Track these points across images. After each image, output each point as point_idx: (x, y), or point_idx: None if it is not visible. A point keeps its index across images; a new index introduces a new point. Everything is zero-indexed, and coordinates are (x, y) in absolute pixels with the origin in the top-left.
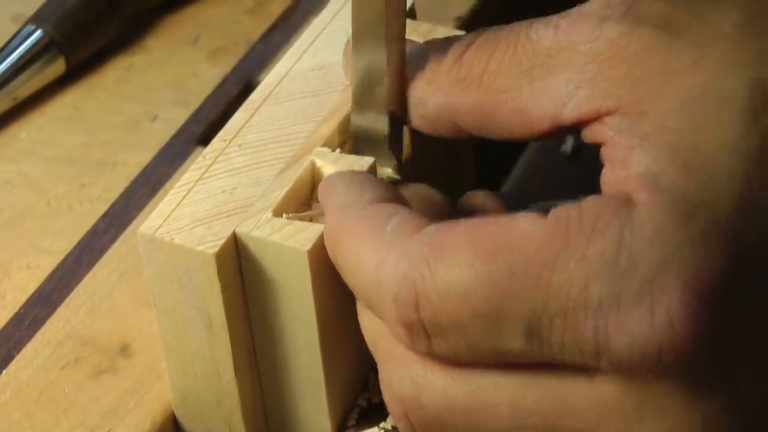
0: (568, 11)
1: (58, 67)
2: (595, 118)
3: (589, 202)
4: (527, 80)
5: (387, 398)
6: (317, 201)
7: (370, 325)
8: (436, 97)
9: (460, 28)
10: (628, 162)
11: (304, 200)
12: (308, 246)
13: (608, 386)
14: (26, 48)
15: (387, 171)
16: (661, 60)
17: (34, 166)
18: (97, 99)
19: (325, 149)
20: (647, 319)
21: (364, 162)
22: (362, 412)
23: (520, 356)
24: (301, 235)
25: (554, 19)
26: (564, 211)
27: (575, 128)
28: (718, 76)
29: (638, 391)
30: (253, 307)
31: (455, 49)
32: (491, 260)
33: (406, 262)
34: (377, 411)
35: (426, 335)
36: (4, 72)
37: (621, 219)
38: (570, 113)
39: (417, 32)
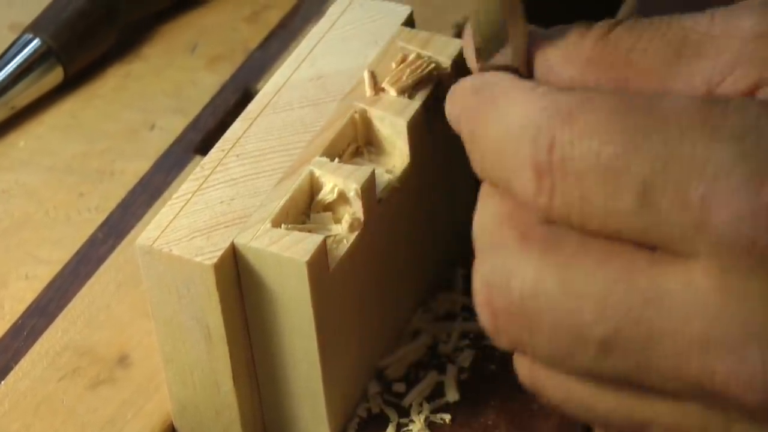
0: (725, 7)
1: (55, 76)
2: (753, 91)
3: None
4: (678, 61)
5: (475, 286)
6: (316, 212)
7: (486, 209)
8: (572, 70)
9: (458, 34)
10: None
11: (303, 210)
12: (307, 257)
13: (702, 276)
14: (24, 57)
15: (387, 176)
16: None
17: (32, 176)
18: (95, 107)
19: (324, 159)
20: (754, 198)
21: (363, 172)
22: (362, 422)
23: (626, 223)
24: (299, 246)
25: (710, 10)
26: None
27: None
28: None
29: (732, 285)
30: (251, 317)
31: (599, 28)
32: (628, 118)
33: (552, 108)
34: (377, 421)
35: (551, 183)
36: (2, 81)
37: (761, 106)
38: (724, 90)
39: (416, 40)
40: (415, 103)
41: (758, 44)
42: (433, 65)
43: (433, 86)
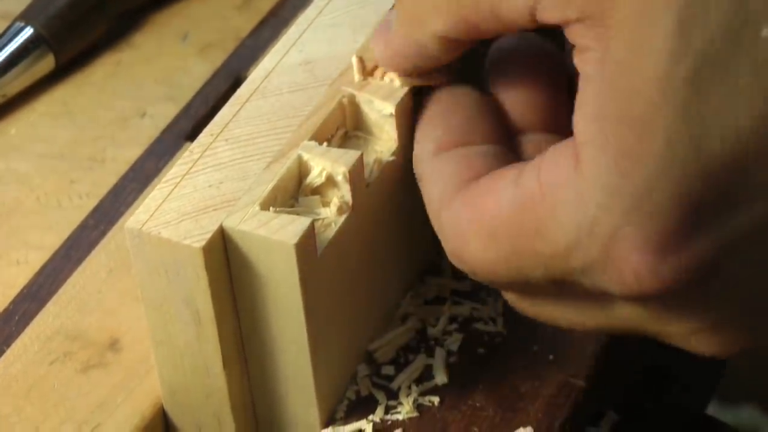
0: None
1: (47, 64)
2: (564, 24)
3: (545, 166)
4: None
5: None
6: (304, 195)
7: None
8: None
9: None
10: (583, 93)
11: (291, 194)
12: (295, 239)
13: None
14: (15, 45)
15: (376, 159)
16: None
17: (23, 162)
18: (87, 95)
19: (312, 143)
20: (618, 278)
21: (351, 156)
22: (351, 404)
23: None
24: (288, 229)
25: None
26: (528, 181)
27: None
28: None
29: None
30: (240, 300)
31: None
32: (497, 241)
33: (450, 244)
34: (366, 403)
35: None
36: None
37: (573, 184)
38: (541, 16)
39: None
40: (403, 88)
41: None
42: None
43: None
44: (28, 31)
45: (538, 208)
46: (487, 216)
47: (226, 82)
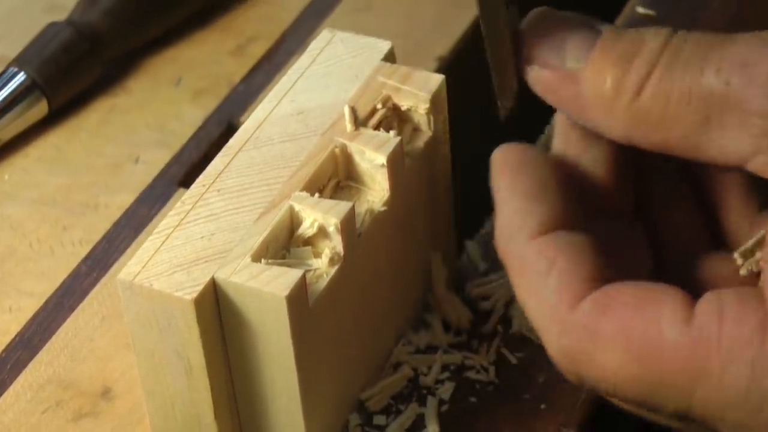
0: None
1: (40, 109)
2: None
3: (729, 312)
4: (708, 127)
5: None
6: (296, 246)
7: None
8: (617, 132)
9: (441, 67)
10: None
11: (283, 245)
12: (286, 291)
13: None
14: (9, 90)
15: (367, 210)
16: None
17: (16, 208)
18: (80, 141)
19: (304, 194)
20: None
21: (342, 207)
22: None
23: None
24: (279, 281)
25: (726, 69)
26: (706, 326)
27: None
28: None
29: None
30: (232, 352)
31: (634, 82)
32: (643, 366)
33: (566, 341)
34: None
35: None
36: None
37: (754, 350)
38: (753, 167)
39: (396, 75)
40: (395, 139)
41: None
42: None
43: None
44: (21, 77)
45: (712, 355)
46: (642, 337)
47: (218, 128)
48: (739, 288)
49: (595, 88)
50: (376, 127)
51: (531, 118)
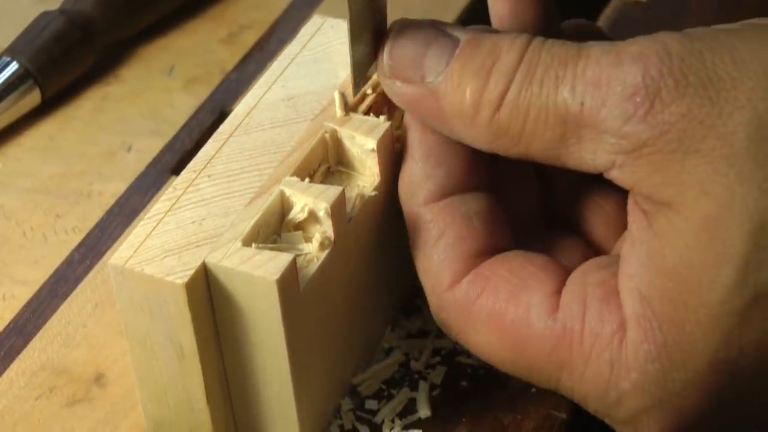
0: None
1: (33, 99)
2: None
3: (591, 308)
4: (566, 143)
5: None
6: (286, 231)
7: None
8: (480, 144)
9: None
10: (629, 266)
11: (274, 230)
12: (277, 275)
13: None
14: (2, 80)
15: (357, 195)
16: (675, 173)
17: (9, 197)
18: (73, 129)
19: (294, 179)
20: None
21: (332, 191)
22: None
23: None
24: (269, 265)
25: (580, 89)
26: (570, 320)
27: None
28: (720, 216)
29: None
30: (223, 336)
31: (492, 97)
32: (513, 351)
33: (444, 315)
34: None
35: None
36: None
37: (612, 352)
38: (610, 176)
39: None
40: (385, 124)
41: (627, 158)
42: None
43: None
44: (13, 66)
45: (575, 348)
46: (511, 325)
47: (210, 116)
48: (602, 271)
49: (454, 103)
50: (366, 113)
51: None
